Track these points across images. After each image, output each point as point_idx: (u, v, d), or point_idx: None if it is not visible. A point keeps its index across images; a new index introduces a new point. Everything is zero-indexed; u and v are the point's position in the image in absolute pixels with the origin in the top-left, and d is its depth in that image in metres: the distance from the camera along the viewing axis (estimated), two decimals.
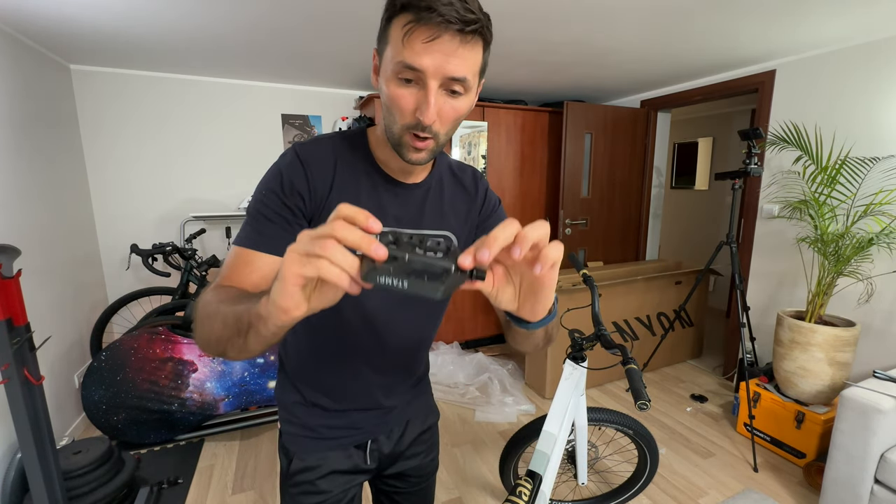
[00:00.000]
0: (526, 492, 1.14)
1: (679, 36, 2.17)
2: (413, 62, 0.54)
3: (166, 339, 2.15)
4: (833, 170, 2.13)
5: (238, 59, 2.50)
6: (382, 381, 0.86)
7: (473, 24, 0.54)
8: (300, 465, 0.85)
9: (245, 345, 0.48)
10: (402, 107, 0.58)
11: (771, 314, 2.68)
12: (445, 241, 0.38)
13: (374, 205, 0.71)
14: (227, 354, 0.51)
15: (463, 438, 2.33)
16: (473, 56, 0.57)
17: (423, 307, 0.83)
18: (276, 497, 1.90)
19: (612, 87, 3.32)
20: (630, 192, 3.68)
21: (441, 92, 0.57)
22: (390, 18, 0.57)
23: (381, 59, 0.61)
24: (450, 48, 0.54)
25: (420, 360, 0.93)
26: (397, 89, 0.58)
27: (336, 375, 0.83)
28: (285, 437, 0.87)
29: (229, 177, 3.05)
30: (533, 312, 0.47)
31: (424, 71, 0.55)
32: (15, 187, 1.94)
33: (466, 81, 0.57)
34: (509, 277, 0.46)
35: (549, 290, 0.45)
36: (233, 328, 0.48)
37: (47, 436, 1.41)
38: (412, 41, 0.54)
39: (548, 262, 0.40)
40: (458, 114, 0.60)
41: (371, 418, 0.87)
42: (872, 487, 1.60)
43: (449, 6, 0.52)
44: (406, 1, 0.54)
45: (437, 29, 0.53)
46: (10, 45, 1.98)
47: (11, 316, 1.28)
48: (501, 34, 2.11)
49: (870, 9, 1.84)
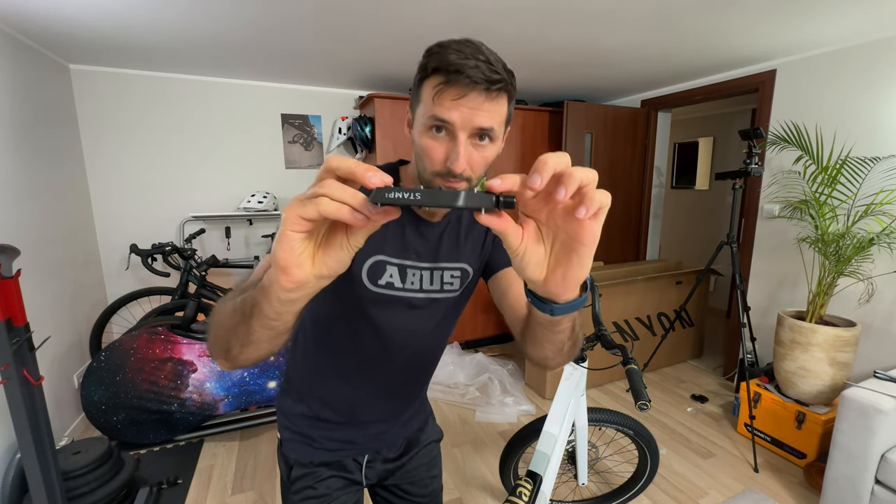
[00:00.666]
0: (526, 492, 1.14)
1: (679, 36, 2.17)
2: (443, 116, 0.59)
3: (166, 339, 2.15)
4: (834, 170, 2.13)
5: (238, 59, 2.50)
6: (387, 399, 0.89)
7: (498, 83, 0.59)
8: (300, 472, 0.87)
9: (249, 333, 0.46)
10: (433, 157, 0.62)
11: (771, 314, 2.68)
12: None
13: (399, 240, 0.75)
14: (231, 350, 0.49)
15: (463, 439, 2.33)
16: (499, 109, 0.61)
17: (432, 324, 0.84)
18: (275, 497, 1.89)
19: (612, 87, 3.31)
20: (630, 192, 3.67)
21: (470, 141, 0.61)
22: (422, 80, 0.62)
23: (413, 114, 0.67)
24: (476, 103, 0.58)
25: (424, 381, 0.95)
26: (429, 140, 0.62)
27: (341, 391, 0.86)
28: (285, 446, 0.90)
29: (229, 177, 3.04)
30: (564, 282, 0.40)
31: (454, 123, 0.59)
32: (14, 187, 1.94)
33: (493, 131, 0.61)
34: (540, 236, 0.40)
35: (589, 251, 0.37)
36: (238, 314, 0.47)
37: (47, 436, 1.40)
38: (442, 99, 0.59)
39: (593, 205, 0.33)
40: (487, 160, 0.65)
41: (371, 434, 0.90)
42: (873, 488, 1.60)
43: (476, 69, 0.57)
44: (436, 65, 0.59)
45: (465, 88, 0.58)
46: (9, 45, 1.98)
47: (11, 316, 1.28)
48: (502, 34, 2.11)
49: (871, 8, 1.84)
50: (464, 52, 0.58)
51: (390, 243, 0.74)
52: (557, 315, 0.44)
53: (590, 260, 0.38)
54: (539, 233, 0.39)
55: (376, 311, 0.77)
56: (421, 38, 2.15)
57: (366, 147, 3.16)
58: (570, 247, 0.38)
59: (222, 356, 0.51)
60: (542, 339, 0.55)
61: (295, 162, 3.22)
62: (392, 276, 0.75)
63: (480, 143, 0.62)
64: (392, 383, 0.87)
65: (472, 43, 0.60)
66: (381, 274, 0.74)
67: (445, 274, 0.79)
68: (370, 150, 3.14)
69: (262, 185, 3.13)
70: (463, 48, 0.58)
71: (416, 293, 0.78)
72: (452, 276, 0.80)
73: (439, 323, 0.84)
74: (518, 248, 0.38)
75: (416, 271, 0.77)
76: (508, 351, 3.49)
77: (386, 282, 0.75)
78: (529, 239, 0.38)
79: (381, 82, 3.07)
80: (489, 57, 0.58)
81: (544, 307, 0.44)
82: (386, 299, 0.76)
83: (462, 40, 0.60)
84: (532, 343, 0.59)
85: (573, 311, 0.44)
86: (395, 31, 2.06)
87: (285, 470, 0.90)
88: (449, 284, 0.80)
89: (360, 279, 0.74)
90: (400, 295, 0.77)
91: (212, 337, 0.52)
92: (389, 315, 0.78)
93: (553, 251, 0.40)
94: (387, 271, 0.75)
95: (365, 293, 0.75)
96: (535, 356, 0.61)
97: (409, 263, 0.76)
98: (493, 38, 2.17)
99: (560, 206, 0.37)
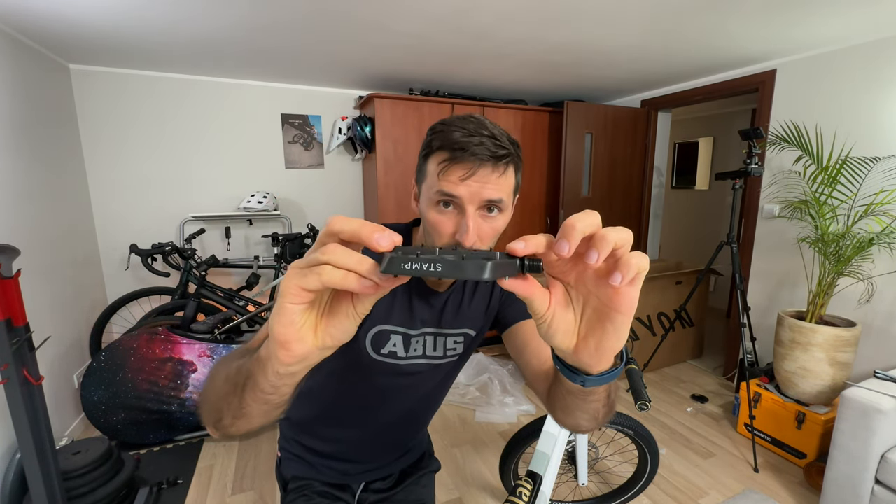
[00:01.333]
0: (526, 492, 1.14)
1: (679, 36, 2.17)
2: (451, 191, 0.58)
3: (166, 339, 2.15)
4: (834, 170, 2.13)
5: (238, 59, 2.50)
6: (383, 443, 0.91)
7: (505, 158, 0.58)
8: (297, 485, 0.90)
9: (241, 405, 0.41)
10: (441, 231, 0.61)
11: (771, 314, 2.68)
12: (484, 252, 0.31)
13: (406, 310, 0.73)
14: (222, 421, 0.45)
15: (463, 439, 2.33)
16: (507, 181, 0.60)
17: (433, 384, 0.83)
18: (275, 497, 1.89)
19: (612, 87, 3.31)
20: (630, 192, 3.67)
21: (478, 213, 0.60)
22: (427, 156, 0.62)
23: (419, 189, 0.66)
24: (484, 178, 0.58)
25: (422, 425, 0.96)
26: (437, 215, 0.61)
27: (337, 433, 0.87)
28: (284, 465, 0.93)
29: (229, 177, 3.04)
30: (598, 354, 0.35)
31: (461, 198, 0.58)
32: (14, 187, 1.94)
33: (502, 202, 0.60)
34: (569, 299, 0.35)
35: (626, 319, 0.32)
36: (232, 381, 0.43)
37: (47, 436, 1.40)
38: (449, 176, 0.58)
39: (630, 271, 0.29)
40: (497, 231, 0.63)
41: (365, 469, 0.92)
42: (873, 488, 1.60)
43: (480, 146, 0.56)
44: (441, 144, 0.58)
45: (472, 166, 0.57)
46: (9, 45, 1.98)
47: (11, 316, 1.28)
48: (502, 34, 2.11)
49: (871, 8, 1.84)
50: (467, 129, 0.57)
51: (397, 313, 0.73)
52: (590, 386, 0.39)
53: (626, 329, 0.33)
54: (568, 296, 0.35)
55: (377, 375, 0.77)
56: (421, 38, 2.15)
57: (366, 147, 3.16)
58: (603, 314, 0.33)
59: (212, 425, 0.47)
60: (573, 407, 0.49)
61: (295, 162, 3.22)
62: (395, 345, 0.74)
63: (489, 215, 0.61)
64: (389, 430, 0.88)
65: (475, 119, 0.59)
66: (385, 343, 0.73)
67: (449, 340, 0.78)
68: (370, 150, 3.14)
69: (262, 185, 3.13)
70: (466, 125, 0.58)
71: (419, 359, 0.77)
72: (456, 342, 0.79)
73: (440, 381, 0.84)
74: (545, 315, 0.34)
75: (419, 338, 0.76)
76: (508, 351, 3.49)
77: (389, 351, 0.74)
78: (557, 304, 0.34)
79: (381, 82, 3.07)
80: (493, 132, 0.58)
81: (575, 378, 0.39)
82: (387, 366, 0.75)
83: (465, 116, 0.60)
84: (562, 411, 0.52)
85: (607, 382, 0.39)
86: (395, 31, 2.06)
87: (282, 485, 0.93)
88: (452, 350, 0.79)
89: (363, 348, 0.73)
90: (402, 363, 0.76)
91: (204, 403, 0.48)
92: (390, 378, 0.78)
93: (584, 318, 0.35)
94: (390, 340, 0.73)
95: (366, 360, 0.74)
96: (565, 423, 0.54)
97: (413, 332, 0.75)
98: (493, 38, 2.17)
99: (592, 269, 0.32)
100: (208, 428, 0.48)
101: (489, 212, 0.60)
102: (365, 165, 3.38)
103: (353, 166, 3.43)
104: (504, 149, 0.58)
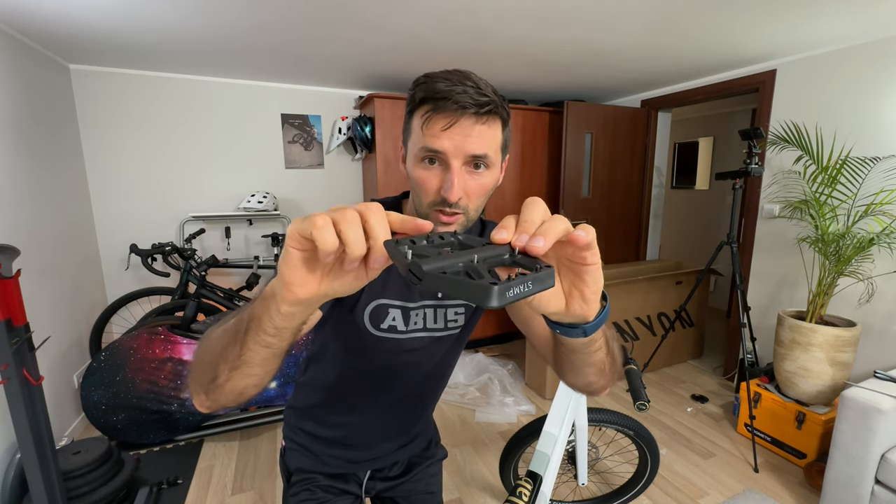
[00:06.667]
0: (526, 492, 1.14)
1: (679, 36, 2.17)
2: (434, 145, 0.57)
3: (165, 339, 2.15)
4: (834, 170, 2.13)
5: (238, 59, 2.50)
6: (389, 426, 0.89)
7: (487, 105, 0.57)
8: (300, 477, 0.88)
9: (241, 352, 0.43)
10: (426, 187, 0.60)
11: (772, 314, 2.68)
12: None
13: (402, 282, 0.72)
14: (217, 378, 0.46)
15: (463, 439, 2.33)
16: (492, 133, 0.59)
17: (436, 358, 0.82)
18: (275, 497, 1.89)
19: (612, 87, 3.31)
20: (630, 192, 3.67)
21: (465, 169, 0.59)
22: (411, 112, 0.61)
23: (406, 149, 0.65)
24: (467, 129, 0.57)
25: (428, 406, 0.95)
26: (422, 171, 0.60)
27: (343, 417, 0.86)
28: (288, 455, 0.91)
29: (229, 177, 3.04)
30: (586, 301, 0.39)
31: (446, 152, 0.57)
32: (14, 187, 1.94)
33: (488, 157, 0.59)
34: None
35: (597, 266, 0.37)
36: (231, 333, 0.44)
37: (46, 436, 1.40)
38: (432, 128, 0.57)
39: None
40: (484, 189, 0.62)
41: (372, 455, 0.91)
42: (873, 488, 1.60)
43: (463, 94, 0.55)
44: (424, 95, 0.58)
45: (454, 115, 0.56)
46: (9, 45, 1.98)
47: (10, 316, 1.28)
48: (502, 34, 2.11)
49: (871, 8, 1.83)
50: (451, 80, 0.57)
51: (392, 286, 0.72)
52: (592, 333, 0.43)
53: (601, 271, 0.37)
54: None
55: (379, 352, 0.76)
56: (421, 37, 2.15)
57: (366, 147, 3.16)
58: (577, 269, 0.37)
59: (205, 386, 0.48)
60: (580, 364, 0.52)
61: (295, 162, 3.22)
62: (395, 319, 0.73)
63: (476, 172, 0.60)
64: (395, 411, 0.87)
65: (459, 71, 0.58)
66: (384, 318, 0.73)
67: (449, 311, 0.77)
68: (370, 150, 3.14)
69: (262, 185, 3.13)
70: (450, 76, 0.57)
71: (420, 332, 0.76)
72: (456, 313, 0.78)
73: (444, 356, 0.83)
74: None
75: (419, 311, 0.75)
76: (508, 351, 3.49)
77: (388, 325, 0.73)
78: None
79: (381, 82, 3.07)
80: (477, 82, 0.57)
81: (575, 332, 0.43)
82: (388, 342, 0.75)
83: (450, 70, 0.59)
84: (571, 372, 0.55)
85: (604, 322, 0.43)
86: (395, 31, 2.06)
87: (285, 476, 0.91)
88: (453, 321, 0.78)
89: (362, 325, 0.72)
90: (403, 338, 0.75)
91: (196, 367, 0.49)
92: (392, 355, 0.77)
93: (563, 278, 0.39)
94: (389, 314, 0.73)
95: (367, 339, 0.73)
96: (578, 385, 0.58)
97: (413, 305, 0.74)
98: (493, 38, 2.17)
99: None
100: (197, 398, 0.49)
101: (475, 168, 0.59)
102: (365, 165, 3.38)
103: (353, 166, 3.43)
104: (487, 97, 0.56)
